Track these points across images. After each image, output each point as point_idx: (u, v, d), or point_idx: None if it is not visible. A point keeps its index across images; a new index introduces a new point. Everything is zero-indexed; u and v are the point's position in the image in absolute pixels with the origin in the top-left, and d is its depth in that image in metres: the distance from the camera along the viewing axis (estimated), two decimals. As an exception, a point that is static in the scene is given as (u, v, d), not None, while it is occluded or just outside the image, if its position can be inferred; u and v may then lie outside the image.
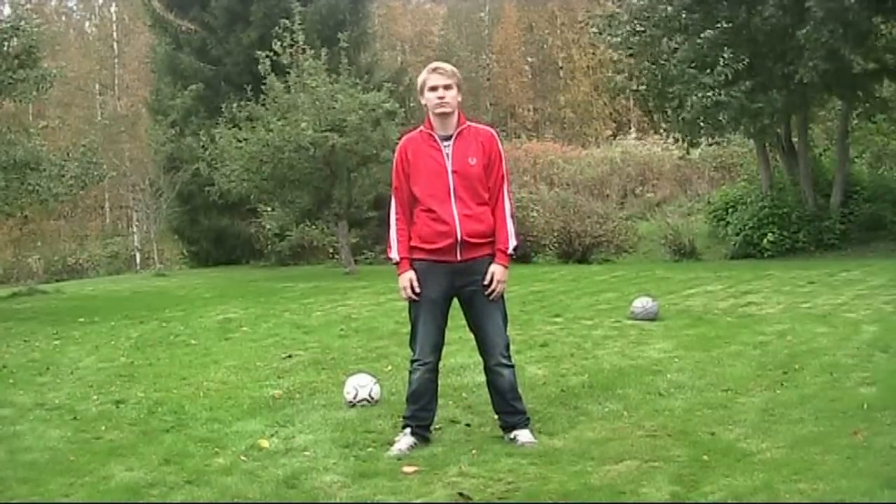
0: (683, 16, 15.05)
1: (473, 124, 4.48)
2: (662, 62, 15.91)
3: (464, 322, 4.64)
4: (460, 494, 3.64)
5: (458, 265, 4.41)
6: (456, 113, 4.38)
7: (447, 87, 4.32)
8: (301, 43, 15.55)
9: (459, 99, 4.39)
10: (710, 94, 14.27)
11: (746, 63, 14.58)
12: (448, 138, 4.37)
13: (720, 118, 14.79)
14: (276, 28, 15.96)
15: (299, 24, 15.65)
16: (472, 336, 4.64)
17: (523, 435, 4.34)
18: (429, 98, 4.35)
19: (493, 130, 4.55)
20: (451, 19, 42.02)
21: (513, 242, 4.41)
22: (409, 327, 4.66)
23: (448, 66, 4.42)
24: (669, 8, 15.09)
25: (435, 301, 4.47)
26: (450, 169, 4.34)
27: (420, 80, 4.42)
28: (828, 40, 13.12)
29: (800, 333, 6.74)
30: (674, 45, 15.49)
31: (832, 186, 16.42)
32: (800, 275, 10.95)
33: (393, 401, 5.29)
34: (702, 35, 14.41)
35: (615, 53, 17.28)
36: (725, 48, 14.38)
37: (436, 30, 40.77)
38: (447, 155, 4.36)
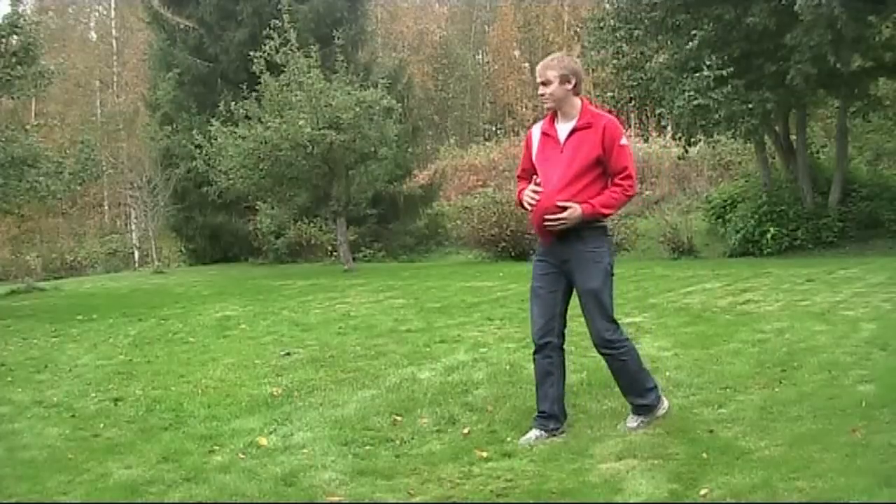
0: (679, 16, 15.09)
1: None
2: (647, 69, 16.04)
3: (463, 319, 4.63)
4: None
5: None
6: (568, 105, 4.37)
7: (544, 84, 4.34)
8: (293, 41, 15.54)
9: (568, 88, 4.34)
10: (695, 97, 14.33)
11: (736, 62, 14.62)
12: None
13: (707, 120, 14.86)
14: (267, 28, 15.96)
15: (289, 22, 15.64)
16: (470, 334, 4.62)
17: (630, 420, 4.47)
18: None
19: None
20: (452, 17, 42.05)
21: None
22: (406, 325, 4.65)
23: (544, 63, 4.38)
24: (658, 12, 15.16)
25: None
26: None
27: None
28: (816, 44, 13.13)
29: (798, 331, 6.74)
30: (659, 49, 15.60)
31: (830, 184, 16.44)
32: (798, 273, 10.96)
33: (391, 399, 5.29)
34: (691, 34, 14.45)
35: (601, 59, 17.43)
36: (710, 51, 14.44)
37: (436, 28, 40.76)
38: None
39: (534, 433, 4.35)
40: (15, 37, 12.98)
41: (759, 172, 17.92)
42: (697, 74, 14.40)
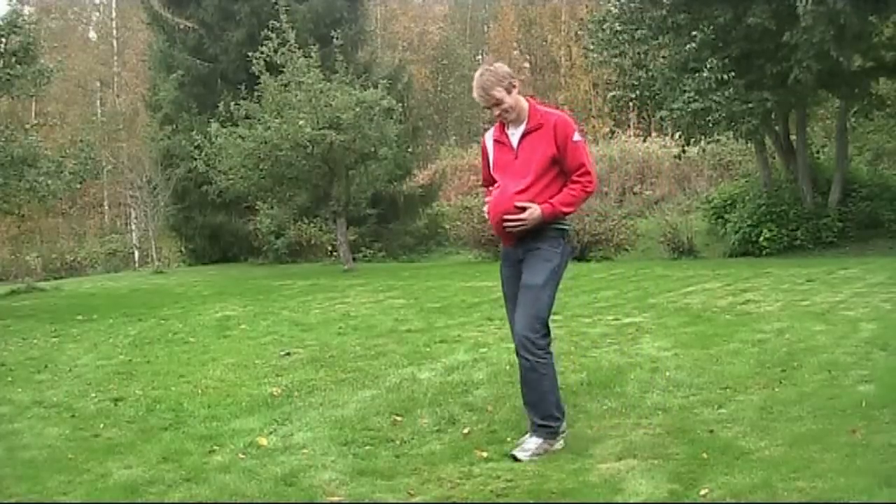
0: (678, 16, 15.12)
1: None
2: (650, 68, 16.08)
3: (463, 319, 4.62)
4: None
5: None
6: (517, 112, 4.27)
7: (496, 104, 4.23)
8: (292, 41, 15.54)
9: (516, 94, 4.25)
10: (696, 98, 14.36)
11: (736, 62, 14.64)
12: None
13: (707, 120, 14.90)
14: (266, 29, 15.96)
15: (287, 23, 15.63)
16: (470, 334, 4.60)
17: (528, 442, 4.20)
18: None
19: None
20: (451, 16, 42.09)
21: None
22: (407, 325, 4.65)
23: (481, 86, 4.21)
24: (661, 11, 15.18)
25: None
26: None
27: None
28: (819, 41, 13.14)
29: (798, 331, 6.74)
30: (661, 48, 15.62)
31: (830, 184, 16.45)
32: (798, 273, 10.95)
33: (391, 399, 5.29)
34: (692, 34, 14.47)
35: (602, 60, 17.47)
36: (711, 53, 14.46)
37: (435, 29, 40.79)
38: None
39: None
40: (14, 36, 12.98)
41: (759, 172, 17.93)
42: (697, 75, 14.42)
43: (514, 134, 4.29)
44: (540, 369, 4.16)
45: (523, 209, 4.16)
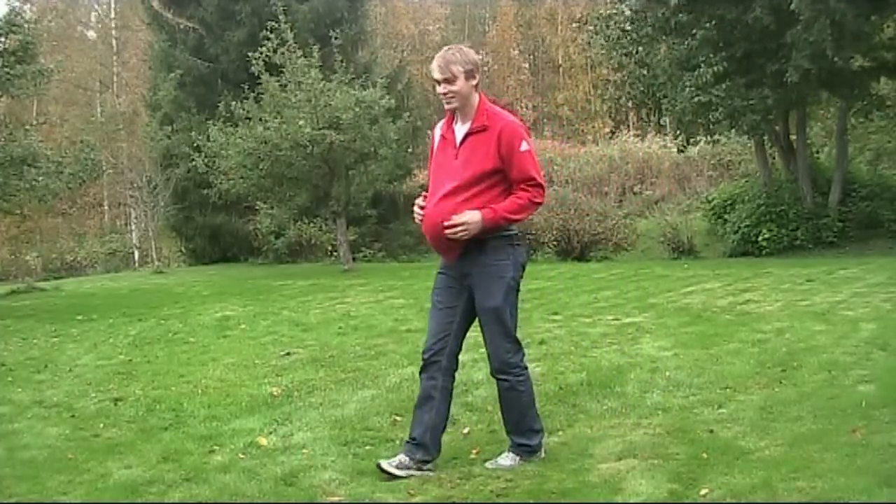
0: (679, 15, 15.16)
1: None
2: (653, 66, 16.13)
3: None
4: None
5: None
6: (461, 100, 3.95)
7: (448, 81, 3.91)
8: (291, 42, 15.53)
9: (473, 84, 3.93)
10: (697, 93, 14.40)
11: (737, 62, 14.68)
12: None
13: (709, 116, 14.94)
14: (265, 29, 15.95)
15: (288, 23, 15.61)
16: (470, 334, 4.56)
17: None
18: None
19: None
20: (452, 17, 42.10)
21: None
22: (406, 325, 4.64)
23: (444, 57, 3.91)
24: (664, 11, 15.22)
25: None
26: None
27: None
28: (816, 40, 13.15)
29: (798, 331, 6.74)
30: (664, 48, 15.67)
31: (830, 184, 16.45)
32: (798, 273, 10.96)
33: (391, 398, 5.29)
34: (693, 33, 14.52)
35: (608, 57, 17.50)
36: (712, 49, 14.51)
37: (435, 28, 40.78)
38: None
39: (400, 457, 3.97)
40: (13, 35, 12.99)
41: (759, 172, 17.94)
42: (696, 72, 14.46)
43: (460, 131, 3.98)
44: (518, 387, 4.01)
45: (457, 219, 3.82)
